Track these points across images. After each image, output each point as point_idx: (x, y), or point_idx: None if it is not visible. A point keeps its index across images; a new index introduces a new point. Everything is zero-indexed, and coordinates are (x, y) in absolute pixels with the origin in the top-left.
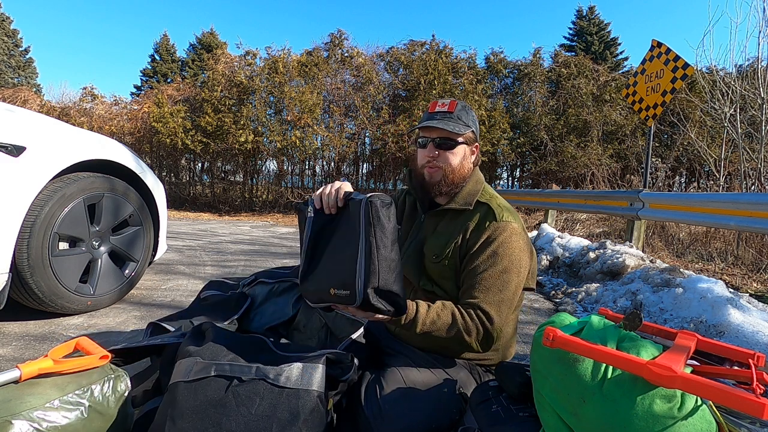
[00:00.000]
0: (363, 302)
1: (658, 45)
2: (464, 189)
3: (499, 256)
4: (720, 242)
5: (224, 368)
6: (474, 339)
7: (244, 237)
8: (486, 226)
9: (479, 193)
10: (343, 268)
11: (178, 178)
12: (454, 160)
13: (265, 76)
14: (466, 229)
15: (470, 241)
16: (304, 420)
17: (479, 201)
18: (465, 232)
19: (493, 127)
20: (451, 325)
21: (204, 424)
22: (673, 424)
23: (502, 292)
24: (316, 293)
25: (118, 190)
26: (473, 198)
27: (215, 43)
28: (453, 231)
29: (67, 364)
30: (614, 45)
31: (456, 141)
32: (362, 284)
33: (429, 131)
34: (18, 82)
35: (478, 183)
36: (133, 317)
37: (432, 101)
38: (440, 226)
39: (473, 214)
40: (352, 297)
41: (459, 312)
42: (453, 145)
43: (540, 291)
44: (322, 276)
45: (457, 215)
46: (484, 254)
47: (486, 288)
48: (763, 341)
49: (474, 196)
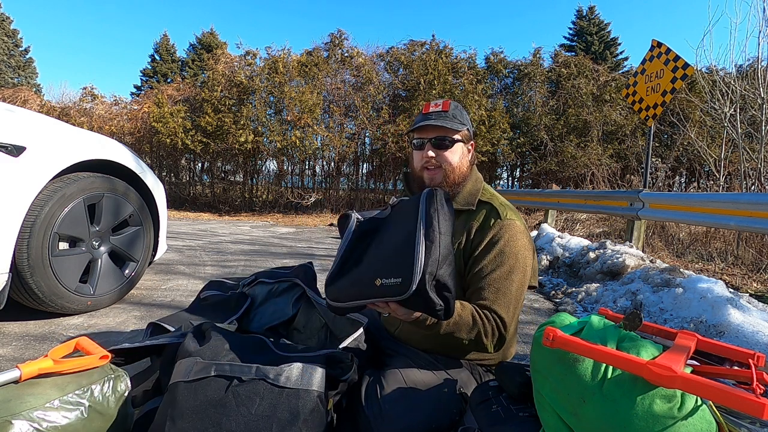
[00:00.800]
0: (417, 291)
1: (658, 45)
2: (464, 189)
3: (506, 256)
4: (720, 242)
5: (224, 368)
6: (490, 341)
7: (244, 237)
8: (491, 225)
9: (480, 192)
10: (395, 255)
11: (178, 178)
12: (453, 159)
13: (265, 76)
14: (469, 230)
15: (475, 241)
16: (304, 420)
17: (481, 200)
18: (469, 233)
19: (493, 127)
20: (472, 327)
21: (204, 424)
22: (673, 424)
23: (511, 293)
24: (353, 288)
25: (118, 190)
26: (474, 198)
27: (215, 43)
28: (456, 231)
29: (67, 364)
30: (614, 45)
31: (453, 139)
32: (421, 268)
33: (425, 131)
34: (18, 82)
35: (478, 182)
36: (133, 317)
37: (425, 104)
38: None
39: (476, 213)
40: (405, 284)
41: (477, 313)
42: (450, 144)
43: (540, 291)
44: (364, 270)
45: (458, 215)
46: (491, 254)
47: (496, 289)
48: (763, 341)
49: (475, 195)
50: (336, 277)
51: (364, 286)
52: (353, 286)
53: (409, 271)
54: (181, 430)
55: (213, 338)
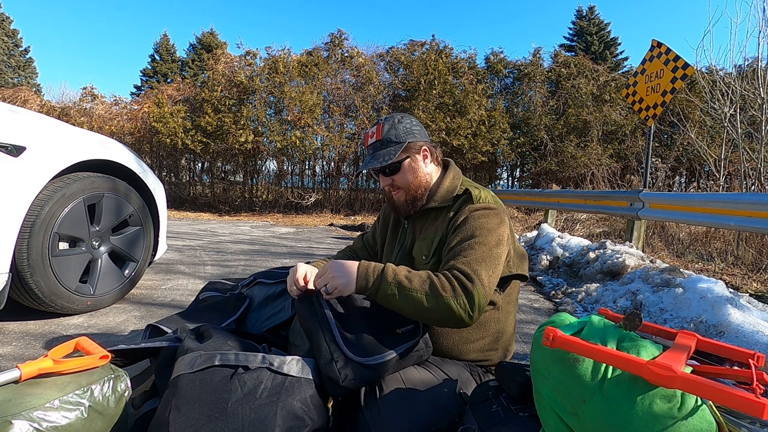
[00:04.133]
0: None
1: (658, 45)
2: (441, 188)
3: (473, 229)
4: (720, 242)
5: (229, 357)
6: (452, 299)
7: (244, 237)
8: (463, 209)
9: (457, 188)
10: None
11: (178, 178)
12: (407, 178)
13: (265, 76)
14: (448, 221)
15: (449, 227)
16: (308, 406)
17: (458, 195)
18: (448, 224)
19: (493, 127)
20: (425, 281)
21: (210, 409)
22: (673, 424)
23: (477, 253)
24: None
25: (118, 190)
26: (451, 194)
27: (215, 43)
28: (437, 227)
29: (67, 364)
30: (614, 45)
31: (394, 165)
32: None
33: (369, 168)
34: (18, 82)
35: (456, 179)
36: (133, 317)
37: (365, 133)
38: (425, 226)
39: (453, 206)
40: (416, 331)
41: (434, 274)
42: (396, 168)
43: (540, 291)
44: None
45: (439, 213)
46: (459, 231)
47: (458, 253)
48: (763, 341)
49: (452, 192)
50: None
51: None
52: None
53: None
54: (187, 418)
55: (213, 337)
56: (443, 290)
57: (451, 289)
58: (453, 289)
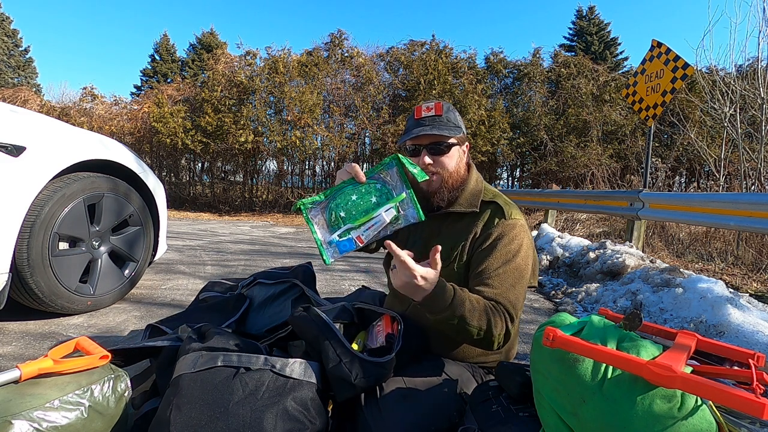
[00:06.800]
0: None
1: (658, 45)
2: (466, 191)
3: (511, 254)
4: (720, 242)
5: (231, 358)
6: (499, 333)
7: (244, 237)
8: (495, 224)
9: (482, 192)
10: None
11: (178, 178)
12: (451, 164)
13: (265, 76)
14: (475, 231)
15: (480, 240)
16: (308, 409)
17: (485, 201)
18: (474, 234)
19: (493, 127)
20: (483, 313)
21: (212, 409)
22: (673, 424)
23: (516, 289)
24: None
25: (118, 190)
26: (477, 199)
27: (215, 43)
28: (460, 234)
29: (67, 364)
30: (614, 45)
31: (449, 144)
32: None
33: (419, 139)
34: (18, 82)
35: (479, 182)
36: (133, 317)
37: (416, 107)
38: (444, 228)
39: (480, 215)
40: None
41: (487, 303)
42: (447, 149)
43: (540, 291)
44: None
45: (461, 217)
46: (496, 251)
47: (502, 284)
48: (763, 341)
49: (477, 197)
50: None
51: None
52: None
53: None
54: (188, 417)
55: (215, 337)
56: (495, 327)
57: (501, 327)
58: (502, 326)
